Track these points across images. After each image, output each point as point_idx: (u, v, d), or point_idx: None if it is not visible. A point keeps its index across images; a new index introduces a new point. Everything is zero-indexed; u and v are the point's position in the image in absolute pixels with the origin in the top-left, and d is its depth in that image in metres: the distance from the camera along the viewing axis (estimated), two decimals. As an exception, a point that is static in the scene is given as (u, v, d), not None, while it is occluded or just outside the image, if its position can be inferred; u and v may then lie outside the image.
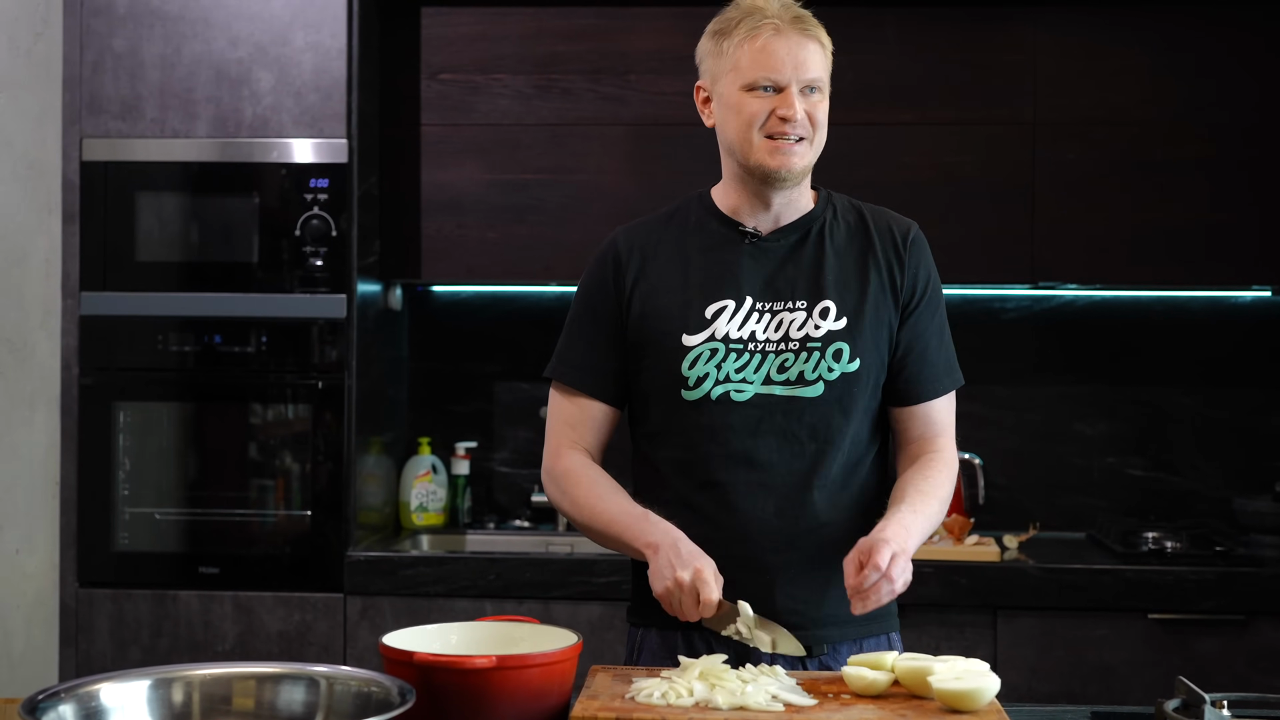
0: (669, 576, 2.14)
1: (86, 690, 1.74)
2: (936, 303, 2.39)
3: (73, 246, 3.70)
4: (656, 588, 2.16)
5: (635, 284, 2.36)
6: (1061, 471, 4.12)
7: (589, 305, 2.40)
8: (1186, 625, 3.50)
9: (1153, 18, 3.86)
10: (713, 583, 2.13)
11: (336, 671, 1.84)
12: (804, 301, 2.31)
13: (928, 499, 2.27)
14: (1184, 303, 4.09)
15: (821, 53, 2.30)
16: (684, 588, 2.12)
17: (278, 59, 3.68)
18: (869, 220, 2.39)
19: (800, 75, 2.27)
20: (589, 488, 2.32)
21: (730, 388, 2.30)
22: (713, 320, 2.31)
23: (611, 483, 2.33)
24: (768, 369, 2.30)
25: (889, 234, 2.37)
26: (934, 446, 2.36)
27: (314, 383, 3.69)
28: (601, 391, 2.38)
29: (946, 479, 2.33)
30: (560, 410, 2.40)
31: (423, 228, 3.93)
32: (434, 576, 3.61)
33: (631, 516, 2.25)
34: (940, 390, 2.37)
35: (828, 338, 2.30)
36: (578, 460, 2.36)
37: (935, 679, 1.94)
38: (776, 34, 2.26)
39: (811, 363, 2.29)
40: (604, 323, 2.37)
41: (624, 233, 2.42)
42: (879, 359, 2.33)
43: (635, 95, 3.90)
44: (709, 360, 2.30)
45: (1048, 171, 3.85)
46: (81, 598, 3.67)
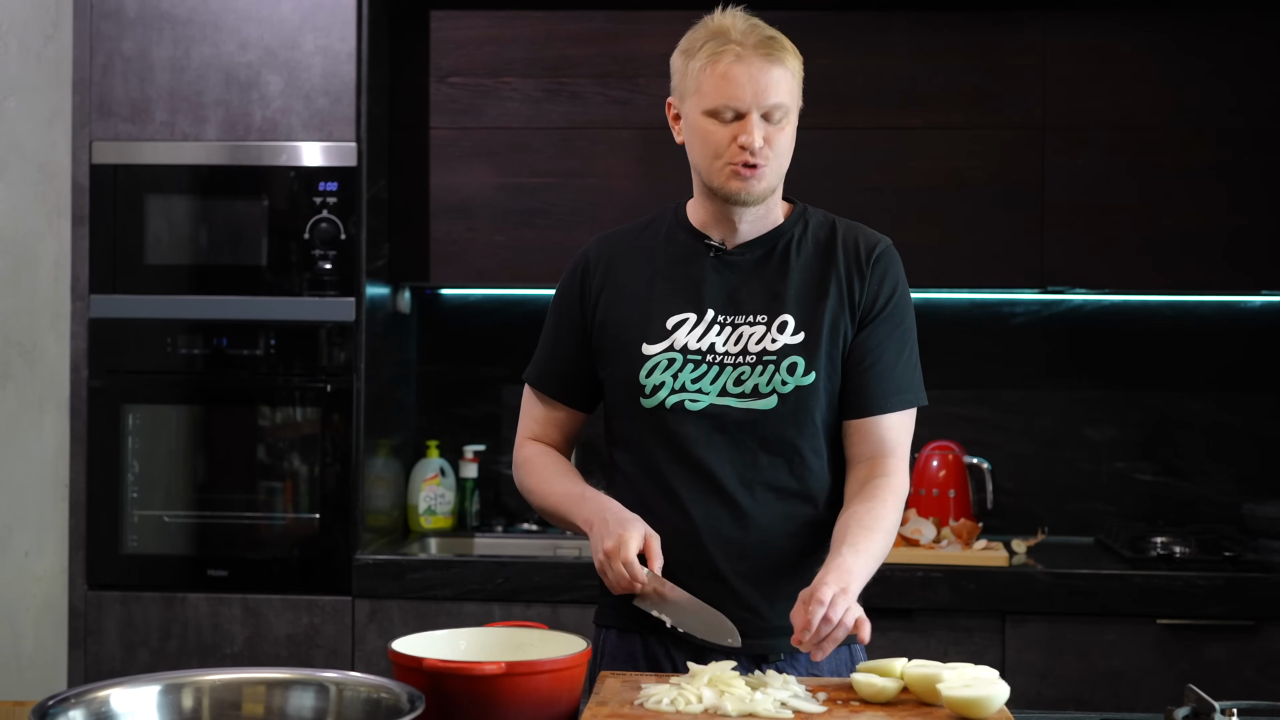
0: (599, 549, 2.21)
1: (96, 696, 1.75)
2: (899, 319, 2.35)
3: (82, 249, 3.70)
4: (595, 562, 2.23)
5: (601, 291, 2.39)
6: (1070, 476, 4.11)
7: (557, 311, 2.46)
8: (1196, 631, 3.49)
9: (1163, 21, 3.85)
10: (632, 543, 2.18)
11: (346, 677, 1.84)
12: (764, 315, 2.32)
13: (871, 534, 2.21)
14: (1194, 307, 4.09)
15: (787, 76, 2.26)
16: (611, 556, 2.18)
17: (287, 62, 3.68)
18: (839, 235, 2.37)
19: (761, 102, 2.24)
20: (540, 471, 2.43)
21: (685, 397, 2.31)
22: (673, 331, 2.33)
23: (562, 466, 2.43)
24: (724, 381, 2.31)
25: (855, 249, 2.36)
26: (883, 469, 2.31)
27: (322, 386, 3.70)
28: (561, 395, 2.46)
29: (893, 508, 2.28)
30: (528, 406, 2.52)
31: (432, 231, 3.93)
32: (442, 580, 3.61)
33: (572, 497, 2.35)
34: (890, 406, 2.32)
35: (783, 351, 2.30)
36: (536, 449, 2.47)
37: (944, 686, 1.94)
38: (738, 60, 2.24)
39: (766, 375, 2.30)
40: (570, 329, 2.43)
41: (597, 241, 2.47)
42: (834, 374, 2.32)
43: (644, 99, 3.90)
44: (666, 369, 2.32)
45: (1058, 176, 3.85)
46: (90, 600, 3.67)
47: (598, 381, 2.42)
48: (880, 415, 2.32)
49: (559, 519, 2.39)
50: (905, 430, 2.35)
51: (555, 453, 2.47)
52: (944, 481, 3.89)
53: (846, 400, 2.34)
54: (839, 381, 2.33)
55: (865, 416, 2.32)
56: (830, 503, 2.35)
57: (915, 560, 3.57)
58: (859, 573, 2.16)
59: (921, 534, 3.67)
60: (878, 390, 2.32)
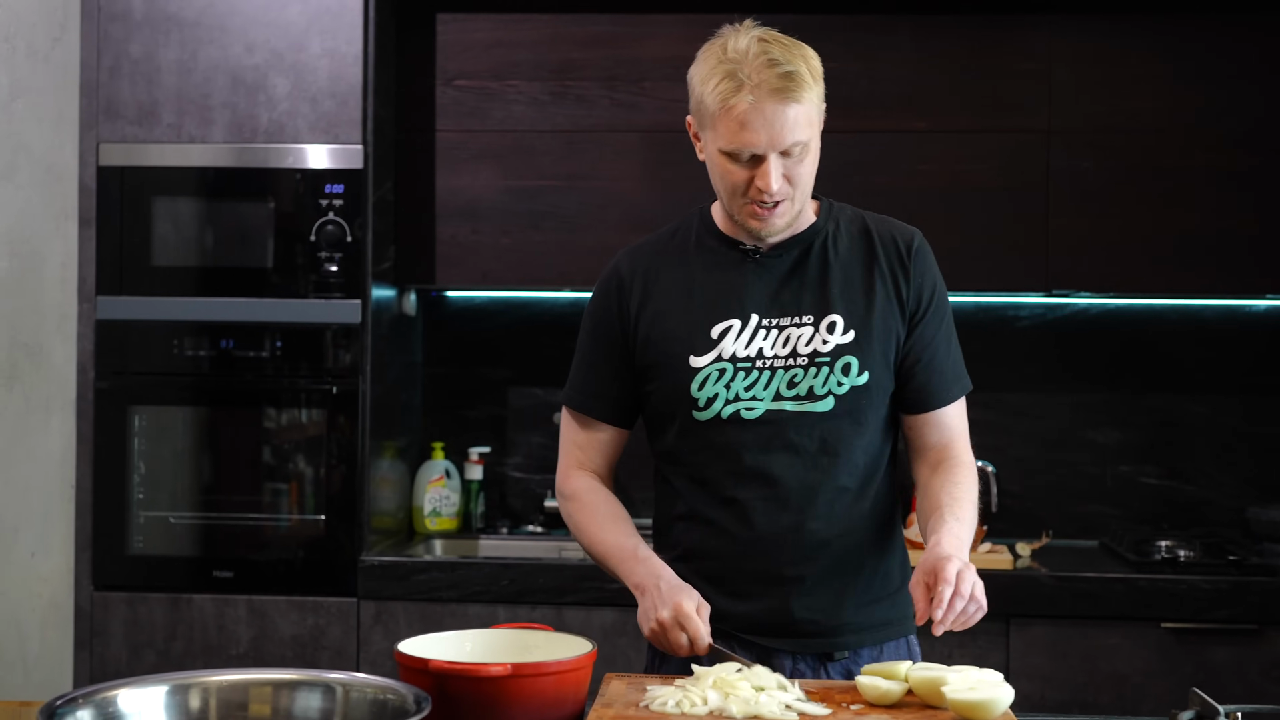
0: (652, 617, 2.18)
1: (104, 696, 1.75)
2: (943, 311, 2.38)
3: (89, 251, 3.71)
4: (644, 630, 2.20)
5: (640, 308, 2.36)
6: (1074, 480, 4.12)
7: (594, 331, 2.42)
8: (1200, 635, 3.49)
9: (1169, 25, 3.86)
10: (695, 616, 2.15)
11: (352, 679, 1.85)
12: (810, 316, 2.31)
13: (963, 505, 2.26)
14: (1198, 311, 4.09)
15: (806, 111, 2.20)
16: (666, 626, 2.16)
17: (294, 65, 3.69)
18: (873, 230, 2.38)
19: (777, 145, 2.19)
20: (590, 515, 2.38)
21: (740, 406, 2.30)
22: (719, 340, 2.31)
23: (613, 510, 2.37)
24: (777, 385, 2.29)
25: (893, 244, 2.36)
26: (951, 453, 2.35)
27: (328, 388, 3.70)
28: (606, 415, 2.41)
29: (972, 483, 2.32)
30: (569, 431, 2.45)
31: (437, 233, 3.94)
32: (447, 582, 3.61)
33: (624, 552, 2.30)
34: (951, 397, 2.37)
35: (836, 352, 2.29)
36: (584, 484, 2.41)
37: (949, 689, 1.95)
38: (753, 106, 2.17)
39: (820, 377, 2.29)
40: (609, 348, 2.39)
41: (626, 256, 2.43)
42: (887, 370, 2.32)
43: (650, 102, 3.91)
44: (718, 380, 2.30)
45: (1062, 179, 3.85)
46: (96, 601, 3.68)
47: (638, 398, 2.40)
48: (943, 408, 2.36)
49: (605, 568, 2.35)
50: (963, 415, 2.40)
51: (605, 491, 2.41)
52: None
53: (906, 397, 2.35)
54: (892, 378, 2.33)
55: (928, 411, 2.35)
56: (886, 497, 2.36)
57: (920, 563, 3.57)
58: (966, 540, 2.19)
59: (926, 537, 3.67)
60: (937, 385, 2.35)
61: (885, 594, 2.36)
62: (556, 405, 4.18)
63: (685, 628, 2.14)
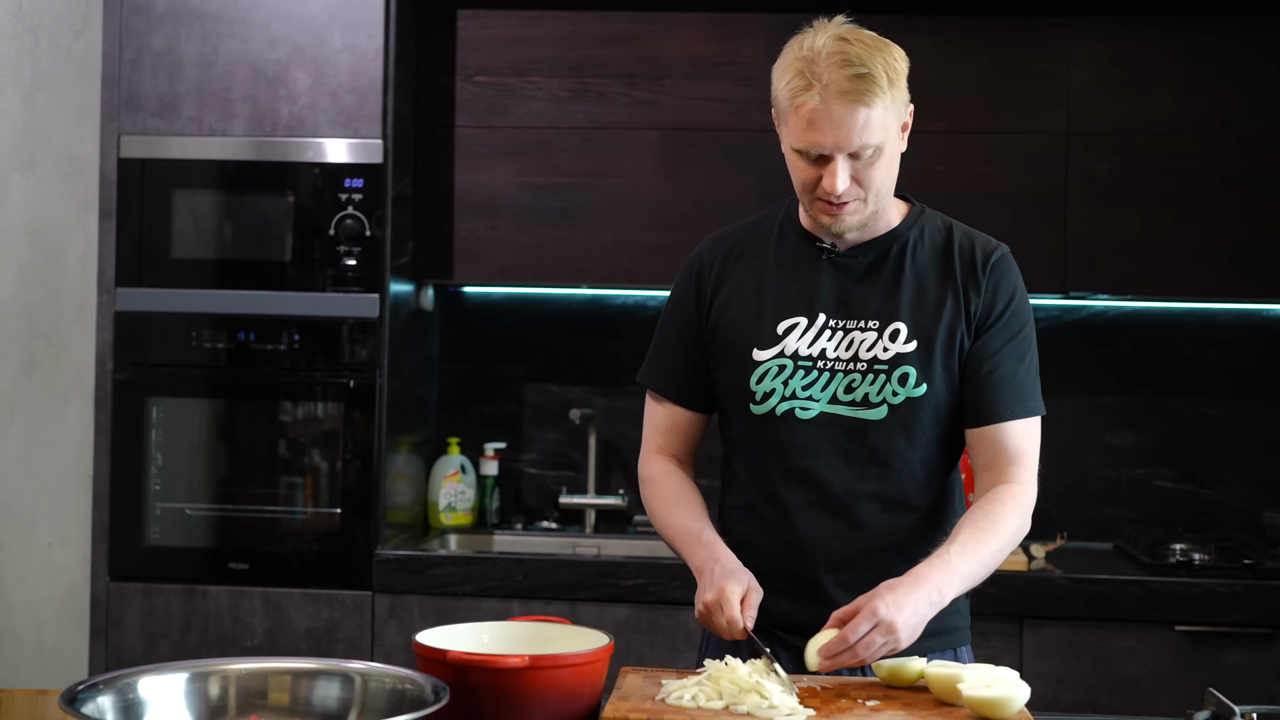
0: (701, 600, 2.20)
1: (125, 682, 1.76)
2: (1016, 327, 2.31)
3: (109, 243, 3.73)
4: (697, 609, 2.21)
5: (715, 293, 2.38)
6: (1089, 482, 4.11)
7: (675, 313, 2.43)
8: (1214, 638, 3.49)
9: (1189, 28, 3.85)
10: (734, 601, 2.14)
11: (371, 668, 1.86)
12: (876, 322, 2.29)
13: (982, 536, 2.20)
14: (1215, 314, 4.08)
15: (877, 113, 2.17)
16: (710, 608, 2.17)
17: (315, 59, 3.71)
18: (955, 240, 2.34)
19: (844, 146, 2.17)
20: (663, 498, 2.39)
21: (796, 405, 2.29)
22: (784, 336, 2.31)
23: (685, 493, 2.38)
24: (835, 388, 2.29)
25: (971, 256, 2.32)
26: (1006, 476, 2.28)
27: (345, 381, 3.72)
28: (686, 399, 2.42)
29: (1012, 512, 2.25)
30: (651, 415, 2.46)
31: (456, 229, 3.95)
32: (462, 576, 3.62)
33: (689, 535, 2.31)
34: (1010, 414, 2.28)
35: (895, 360, 2.27)
36: (663, 467, 2.42)
37: (965, 686, 1.95)
38: (822, 105, 2.16)
39: (877, 385, 2.27)
40: (687, 331, 2.40)
41: (709, 242, 2.44)
42: (949, 384, 2.29)
43: (669, 100, 3.91)
44: (776, 376, 2.30)
45: (1081, 181, 3.85)
46: (112, 591, 3.69)
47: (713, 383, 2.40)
48: (1001, 424, 2.28)
49: (674, 549, 2.37)
50: (1030, 438, 2.31)
51: (680, 475, 2.41)
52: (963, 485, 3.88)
53: (967, 409, 2.30)
54: (954, 392, 2.29)
55: (986, 425, 2.28)
56: (939, 514, 2.33)
57: (934, 563, 3.57)
58: (957, 574, 2.15)
59: (940, 537, 3.68)
60: (997, 399, 2.27)
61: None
62: (572, 402, 4.19)
63: (726, 611, 2.14)
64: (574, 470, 4.21)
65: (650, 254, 3.90)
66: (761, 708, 1.92)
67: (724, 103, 3.90)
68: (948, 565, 2.15)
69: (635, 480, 4.13)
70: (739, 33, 3.91)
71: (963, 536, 2.20)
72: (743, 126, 3.87)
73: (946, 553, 2.17)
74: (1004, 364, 2.29)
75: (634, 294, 4.15)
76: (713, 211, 3.82)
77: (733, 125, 3.89)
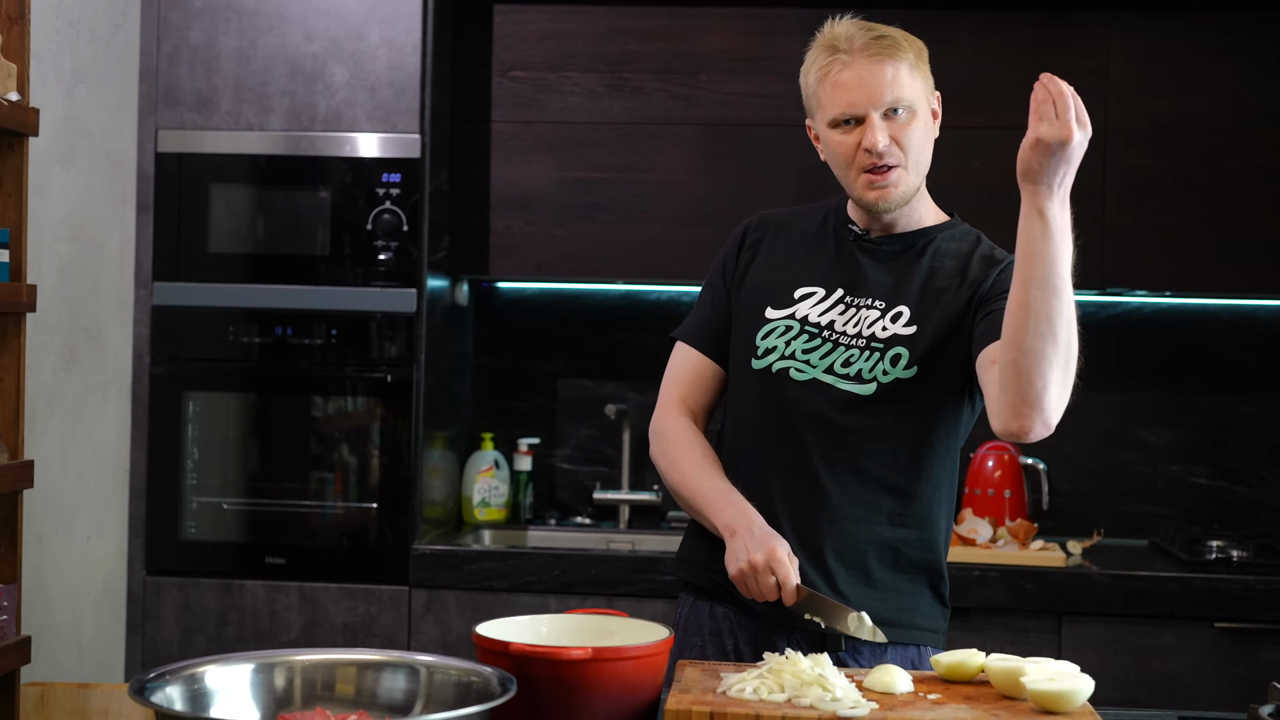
0: (743, 559, 2.21)
1: (192, 672, 1.77)
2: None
3: (146, 237, 3.73)
4: (731, 569, 2.24)
5: (752, 256, 2.45)
6: (1125, 479, 4.10)
7: (714, 275, 2.51)
8: (1253, 634, 3.48)
9: (1227, 23, 3.84)
10: (787, 562, 2.19)
11: (437, 660, 1.86)
12: (882, 302, 2.35)
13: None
14: (1252, 311, 4.07)
15: (904, 70, 2.29)
16: (758, 568, 2.19)
17: (352, 54, 3.70)
18: (979, 249, 2.39)
19: (877, 102, 2.28)
20: (685, 452, 2.40)
21: (792, 365, 2.35)
22: (798, 301, 2.38)
23: (707, 452, 2.41)
24: (833, 360, 2.34)
25: (989, 260, 2.36)
26: None
27: (382, 376, 3.71)
28: (711, 350, 2.47)
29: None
30: (676, 368, 2.50)
31: (491, 224, 3.95)
32: (499, 571, 3.62)
33: (716, 492, 2.34)
34: None
35: (891, 340, 2.32)
36: (682, 423, 2.44)
37: (1029, 680, 1.94)
38: (846, 68, 2.28)
39: (870, 362, 2.32)
40: (722, 289, 2.48)
41: (759, 216, 2.53)
42: (944, 374, 2.31)
43: (705, 95, 3.91)
44: (781, 335, 2.37)
45: (1119, 177, 3.84)
46: (149, 585, 3.70)
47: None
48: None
49: (693, 507, 2.38)
50: None
51: (698, 432, 2.44)
52: (999, 482, 3.88)
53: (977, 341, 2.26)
54: (949, 384, 2.32)
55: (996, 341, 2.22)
56: (918, 501, 2.34)
57: (972, 559, 3.57)
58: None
59: (978, 533, 3.68)
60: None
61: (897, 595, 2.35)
62: (605, 398, 4.19)
63: (775, 571, 2.18)
64: (608, 466, 4.21)
65: (686, 249, 3.89)
66: (825, 700, 1.91)
67: (760, 98, 3.90)
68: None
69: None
70: (775, 27, 3.90)
71: None
72: (779, 121, 3.87)
73: None
74: None
75: (668, 289, 4.14)
76: (749, 206, 3.77)
77: (769, 120, 3.88)
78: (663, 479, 2.45)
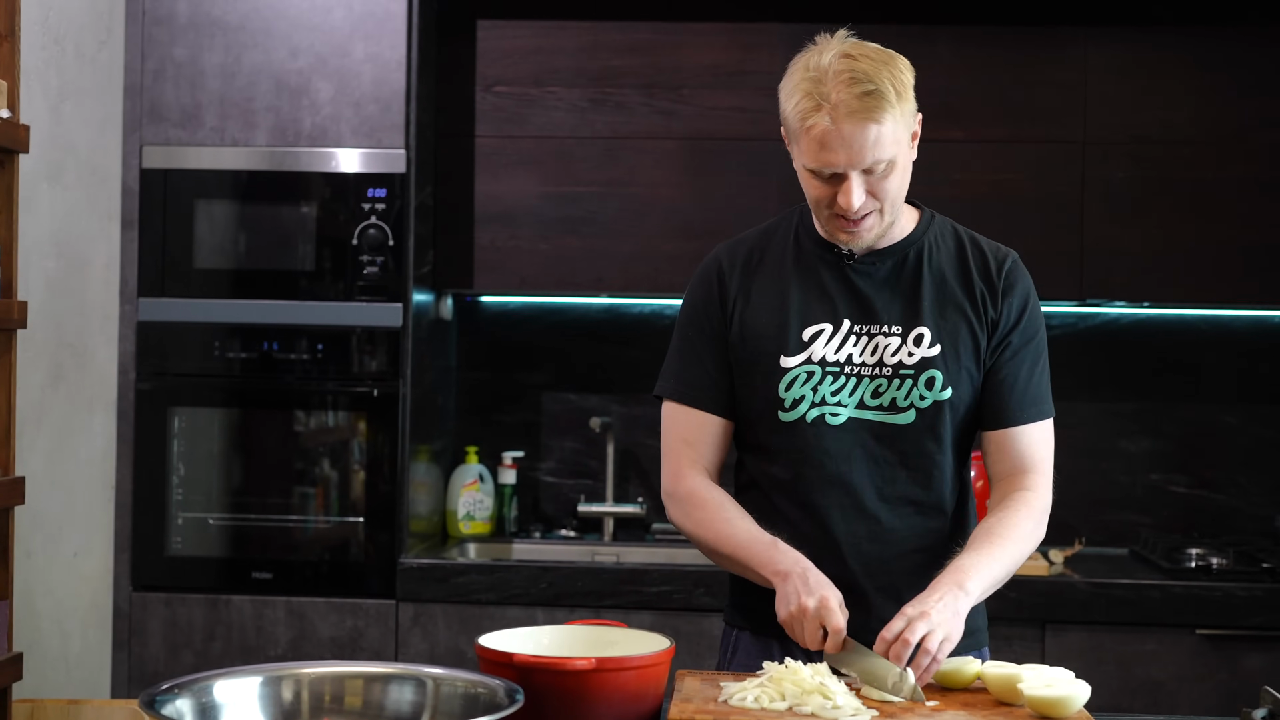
0: (795, 603, 2.16)
1: (201, 685, 1.78)
2: (1030, 332, 2.35)
3: (131, 253, 3.73)
4: (781, 613, 2.18)
5: (736, 301, 2.37)
6: (1105, 488, 4.14)
7: (697, 321, 2.40)
8: (1235, 641, 3.52)
9: (1204, 36, 3.89)
10: (838, 611, 2.13)
11: (444, 673, 1.87)
12: (899, 327, 2.32)
13: (995, 541, 2.23)
14: (1229, 321, 4.12)
15: (888, 128, 2.19)
16: (808, 614, 2.14)
17: (337, 70, 3.72)
18: (968, 247, 2.39)
19: (856, 164, 2.20)
20: (715, 511, 2.33)
21: (825, 411, 2.31)
22: (810, 343, 2.32)
23: (736, 506, 2.34)
24: (862, 393, 2.31)
25: (985, 262, 2.37)
26: (1022, 484, 2.33)
27: (368, 390, 3.72)
28: (717, 406, 2.38)
29: (1026, 518, 2.29)
30: (678, 428, 2.40)
31: (476, 238, 3.96)
32: (486, 584, 3.63)
33: (761, 544, 2.26)
34: (1025, 417, 2.33)
35: (921, 365, 2.30)
36: (700, 482, 2.37)
37: (1026, 685, 1.97)
38: (832, 124, 2.18)
39: (904, 390, 2.30)
40: (714, 338, 2.38)
41: (725, 249, 2.43)
42: (972, 388, 2.33)
43: (689, 110, 3.94)
44: (805, 383, 2.31)
45: (1097, 189, 3.88)
46: (135, 601, 3.69)
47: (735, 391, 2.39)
48: (1016, 427, 2.33)
49: (734, 562, 2.31)
50: (1044, 444, 2.36)
51: (717, 487, 2.37)
52: (981, 491, 3.90)
53: (982, 414, 2.34)
54: (974, 396, 2.33)
55: (1001, 429, 2.33)
56: (960, 516, 2.37)
57: (956, 569, 3.59)
58: (975, 570, 2.18)
59: (962, 543, 3.71)
60: (1012, 403, 2.32)
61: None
62: (590, 410, 4.20)
63: (825, 620, 2.12)
64: (592, 479, 4.23)
65: (670, 262, 3.92)
66: (825, 708, 1.94)
67: (743, 112, 3.93)
68: (962, 568, 2.19)
69: (654, 488, 4.16)
70: (757, 42, 3.94)
71: (978, 544, 2.24)
72: (761, 135, 3.89)
73: (960, 560, 2.21)
74: (1021, 369, 2.34)
75: (651, 302, 4.17)
76: (732, 220, 3.84)
77: (751, 134, 3.91)
78: (692, 542, 2.38)
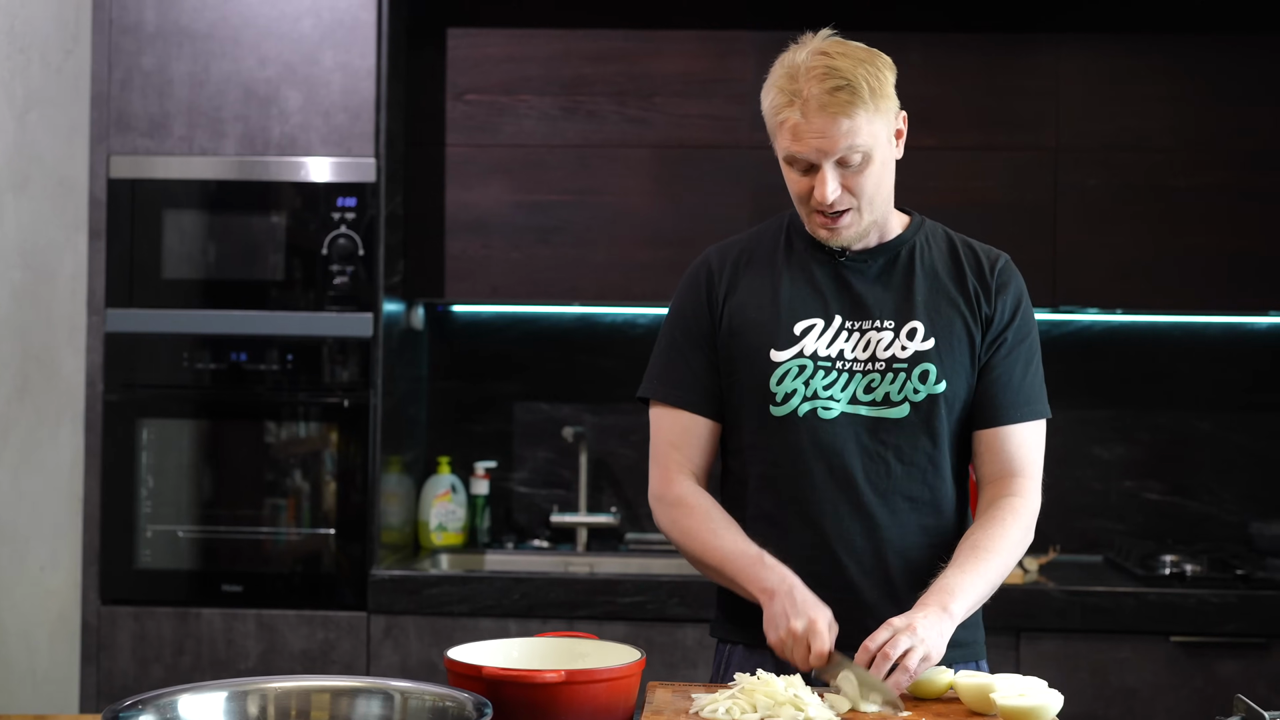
0: (783, 626, 2.15)
1: (165, 701, 1.75)
2: (1023, 333, 2.36)
3: (99, 263, 3.70)
4: (770, 636, 2.17)
5: (726, 299, 2.37)
6: (1079, 495, 4.14)
7: (684, 323, 2.40)
8: (1209, 648, 3.52)
9: (1175, 45, 3.90)
10: (825, 634, 2.12)
11: (411, 686, 1.85)
12: (891, 322, 2.31)
13: (980, 555, 2.22)
14: (1202, 328, 4.12)
15: (861, 121, 2.20)
16: (797, 637, 2.13)
17: (306, 79, 3.69)
18: (960, 248, 2.39)
19: (829, 153, 2.21)
20: (703, 520, 2.32)
21: (818, 404, 2.30)
22: (801, 337, 2.31)
23: (725, 516, 2.33)
24: (854, 388, 2.30)
25: (977, 262, 2.37)
26: (1010, 489, 2.32)
27: (338, 401, 3.70)
28: (705, 408, 2.37)
29: (1013, 527, 2.27)
30: (665, 431, 2.39)
31: (447, 248, 3.94)
32: (459, 596, 3.61)
33: (747, 558, 2.25)
34: (1018, 416, 2.33)
35: (914, 358, 2.30)
36: (690, 488, 2.35)
37: (999, 695, 1.96)
38: (803, 116, 2.20)
39: (897, 384, 2.30)
40: (701, 339, 2.38)
41: (715, 250, 2.43)
42: (967, 384, 2.32)
43: (660, 117, 3.92)
44: (797, 376, 2.30)
45: (1070, 197, 3.88)
46: (104, 615, 3.66)
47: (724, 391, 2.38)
48: (1007, 427, 2.32)
49: (720, 575, 2.30)
50: (1034, 446, 2.35)
51: (707, 495, 2.35)
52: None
53: (975, 412, 2.34)
54: (969, 393, 2.33)
55: (992, 428, 2.32)
56: (956, 513, 2.35)
57: (931, 577, 3.59)
58: (963, 596, 2.16)
59: (936, 551, 3.70)
60: (1005, 401, 2.32)
61: None
62: (563, 420, 4.18)
63: (811, 643, 2.11)
64: (565, 489, 4.21)
65: (642, 271, 3.90)
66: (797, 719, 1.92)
67: (715, 120, 3.92)
68: (948, 589, 2.17)
69: (628, 497, 4.14)
70: (729, 50, 3.93)
71: (963, 560, 2.23)
72: (734, 143, 3.89)
73: (946, 580, 2.19)
74: (1015, 367, 2.34)
75: (624, 311, 4.15)
76: (704, 228, 3.84)
77: (724, 142, 3.90)
78: (678, 549, 2.36)
